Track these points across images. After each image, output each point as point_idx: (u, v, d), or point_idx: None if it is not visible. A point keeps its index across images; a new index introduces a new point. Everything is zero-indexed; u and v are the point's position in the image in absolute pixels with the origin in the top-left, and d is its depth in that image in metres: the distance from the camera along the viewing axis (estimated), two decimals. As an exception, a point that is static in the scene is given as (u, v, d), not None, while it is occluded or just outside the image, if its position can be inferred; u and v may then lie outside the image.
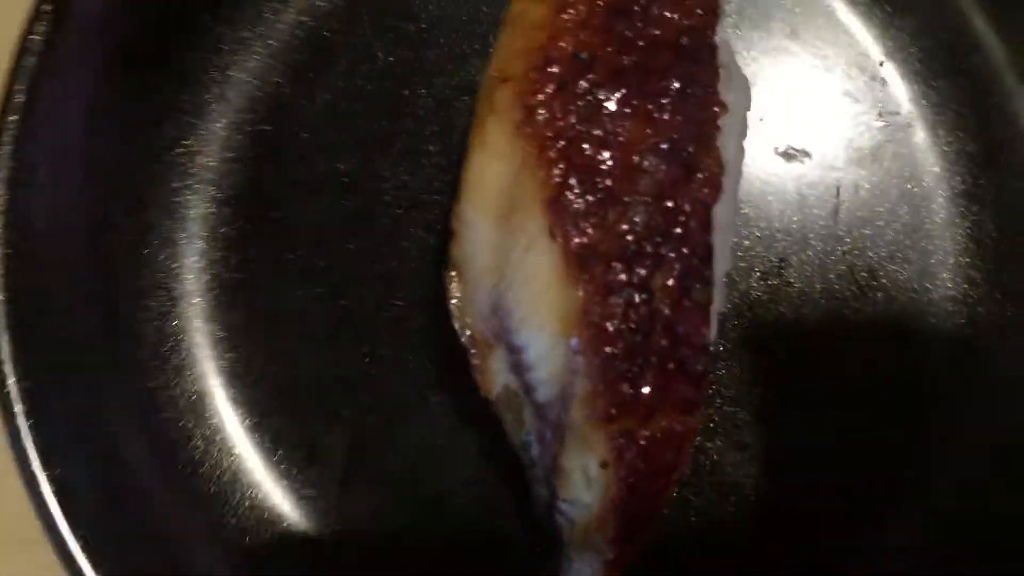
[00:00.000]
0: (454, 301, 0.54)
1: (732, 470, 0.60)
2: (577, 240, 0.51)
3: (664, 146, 0.52)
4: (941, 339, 0.62)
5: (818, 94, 0.64)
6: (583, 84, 0.52)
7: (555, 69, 0.53)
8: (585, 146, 0.52)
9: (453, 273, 0.54)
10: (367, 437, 0.61)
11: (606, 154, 0.52)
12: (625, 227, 0.51)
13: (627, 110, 0.52)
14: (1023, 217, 0.63)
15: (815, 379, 0.61)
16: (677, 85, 0.53)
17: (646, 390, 0.50)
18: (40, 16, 0.56)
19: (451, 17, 0.64)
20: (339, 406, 0.61)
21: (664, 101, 0.53)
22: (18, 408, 0.53)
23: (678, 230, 0.51)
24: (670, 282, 0.51)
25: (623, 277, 0.51)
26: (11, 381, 0.53)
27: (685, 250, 0.51)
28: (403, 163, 0.63)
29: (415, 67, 0.64)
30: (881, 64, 0.64)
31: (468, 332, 0.54)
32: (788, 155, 0.63)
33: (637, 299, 0.51)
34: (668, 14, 0.54)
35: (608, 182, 0.51)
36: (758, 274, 0.62)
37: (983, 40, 0.64)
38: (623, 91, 0.52)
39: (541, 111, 0.52)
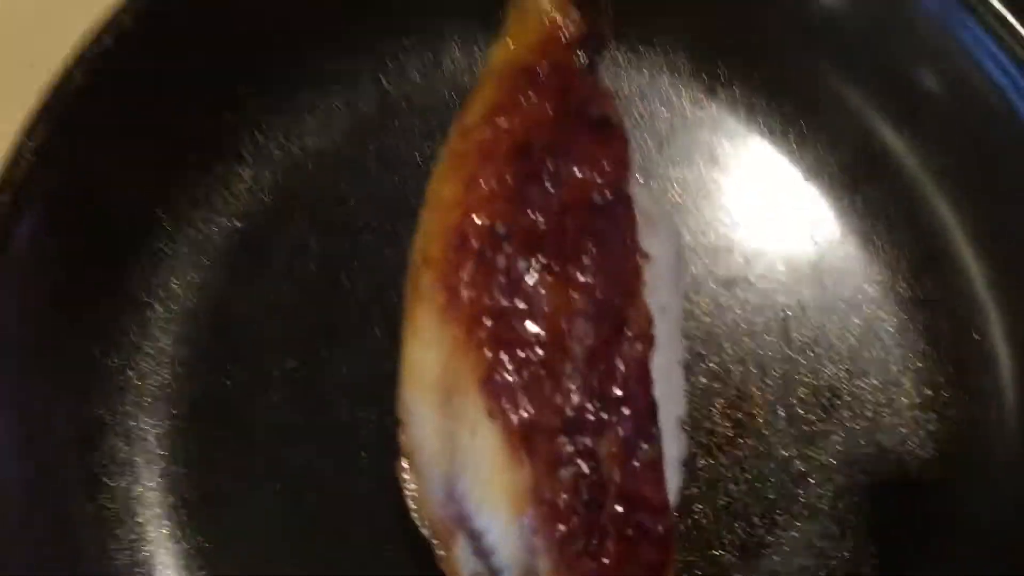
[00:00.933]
0: (408, 492, 0.54)
1: (723, 616, 0.59)
2: (515, 417, 0.50)
3: (590, 307, 0.52)
4: (915, 448, 0.60)
5: (748, 220, 0.64)
6: (501, 258, 0.53)
7: (472, 246, 0.53)
8: (512, 322, 0.52)
9: (405, 463, 0.54)
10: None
11: (533, 326, 0.51)
12: (562, 398, 0.50)
13: (549, 278, 0.52)
14: (974, 317, 0.62)
15: (794, 509, 0.60)
16: (595, 244, 0.53)
17: (608, 562, 0.49)
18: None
19: (380, 197, 0.65)
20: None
21: (584, 262, 0.53)
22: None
23: (617, 391, 0.51)
24: (614, 448, 0.50)
25: (568, 449, 0.50)
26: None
27: (626, 411, 0.50)
28: (350, 351, 0.63)
29: (350, 253, 0.64)
30: (805, 180, 0.64)
31: (427, 522, 0.54)
32: (728, 284, 0.63)
33: (585, 469, 0.50)
34: (578, 173, 0.54)
35: (540, 353, 0.51)
36: (719, 410, 0.61)
37: (894, 147, 0.64)
38: (542, 259, 0.52)
39: (463, 291, 0.52)
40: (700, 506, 0.60)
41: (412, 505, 0.53)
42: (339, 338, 0.63)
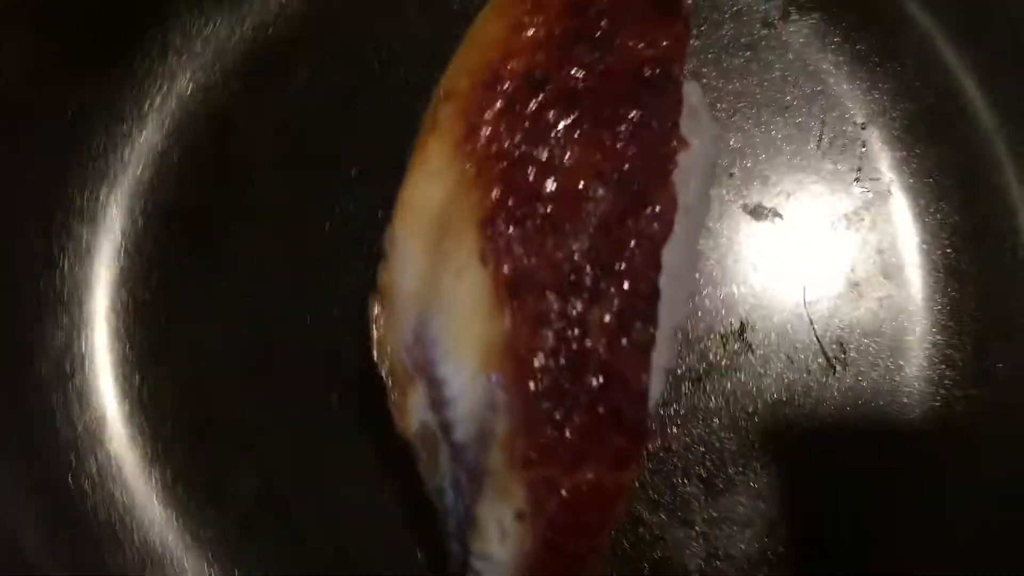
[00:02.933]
0: (376, 328, 0.50)
1: (675, 547, 0.55)
2: (508, 266, 0.46)
3: (614, 175, 0.48)
4: (913, 423, 0.56)
5: (794, 153, 0.60)
6: (532, 105, 0.49)
7: (504, 87, 0.49)
8: (528, 168, 0.48)
9: (378, 298, 0.50)
10: (278, 484, 0.56)
11: (550, 179, 0.48)
12: (563, 256, 0.47)
13: (577, 135, 0.48)
14: (1008, 296, 0.58)
15: (773, 456, 0.56)
16: (635, 114, 0.49)
17: (571, 435, 0.45)
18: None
19: (416, 46, 0.61)
20: (252, 448, 0.56)
21: (620, 129, 0.49)
22: None
23: (622, 264, 0.47)
24: (607, 318, 0.46)
25: (556, 308, 0.46)
26: None
27: (627, 286, 0.46)
28: (349, 191, 0.59)
29: (372, 92, 0.60)
30: (863, 127, 0.60)
31: (387, 363, 0.50)
32: (758, 213, 0.59)
33: (569, 333, 0.46)
34: (632, 43, 0.51)
35: (549, 208, 0.47)
36: (718, 336, 0.57)
37: (971, 106, 0.60)
38: (575, 115, 0.49)
39: (484, 129, 0.49)
40: (675, 429, 0.56)
41: (376, 341, 0.49)
42: (338, 175, 0.59)
